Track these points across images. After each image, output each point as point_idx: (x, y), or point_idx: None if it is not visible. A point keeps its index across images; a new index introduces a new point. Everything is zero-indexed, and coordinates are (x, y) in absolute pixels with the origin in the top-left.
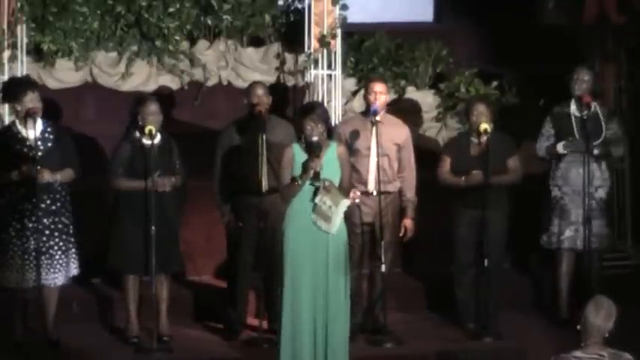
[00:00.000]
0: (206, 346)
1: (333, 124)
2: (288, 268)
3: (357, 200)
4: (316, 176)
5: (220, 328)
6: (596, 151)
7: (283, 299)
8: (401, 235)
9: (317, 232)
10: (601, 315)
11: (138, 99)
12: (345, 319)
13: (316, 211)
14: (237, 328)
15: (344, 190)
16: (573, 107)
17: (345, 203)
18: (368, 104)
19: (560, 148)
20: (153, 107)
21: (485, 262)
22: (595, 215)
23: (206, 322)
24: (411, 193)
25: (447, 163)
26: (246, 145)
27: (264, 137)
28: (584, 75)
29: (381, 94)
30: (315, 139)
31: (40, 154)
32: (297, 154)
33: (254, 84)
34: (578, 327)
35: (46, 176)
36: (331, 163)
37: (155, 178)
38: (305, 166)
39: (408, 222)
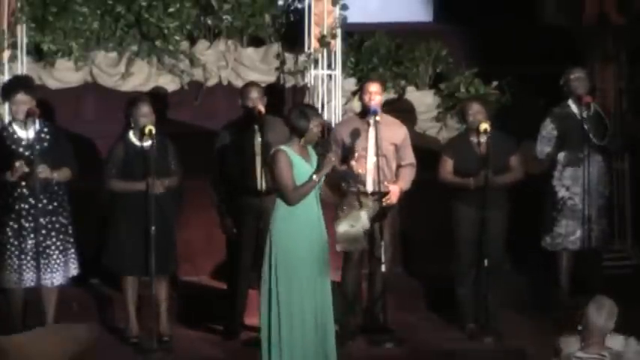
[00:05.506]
0: (206, 347)
1: (332, 124)
2: (283, 272)
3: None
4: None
5: (220, 329)
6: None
7: (280, 304)
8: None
9: (314, 237)
10: (602, 315)
11: (130, 100)
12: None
13: (343, 238)
14: (237, 328)
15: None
16: (574, 107)
17: (364, 215)
18: (364, 105)
19: (561, 160)
20: (145, 109)
21: (485, 261)
22: (602, 214)
23: (205, 322)
24: (402, 183)
25: (448, 165)
26: (243, 146)
27: (260, 137)
28: (582, 74)
29: (375, 93)
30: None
31: (35, 154)
32: (292, 155)
33: (248, 86)
34: (579, 327)
35: (44, 171)
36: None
37: (149, 179)
38: (322, 162)
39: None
